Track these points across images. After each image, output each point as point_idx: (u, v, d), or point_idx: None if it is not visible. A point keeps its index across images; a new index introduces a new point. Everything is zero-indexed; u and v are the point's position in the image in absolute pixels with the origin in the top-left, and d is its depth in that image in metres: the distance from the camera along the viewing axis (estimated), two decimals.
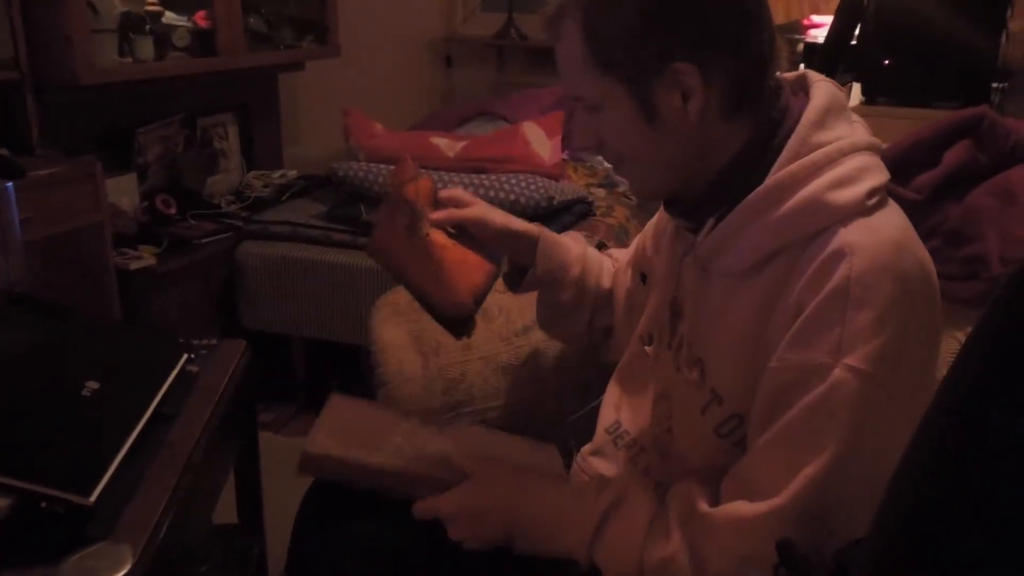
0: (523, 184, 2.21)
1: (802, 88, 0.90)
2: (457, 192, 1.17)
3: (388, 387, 1.40)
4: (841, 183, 0.82)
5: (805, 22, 3.24)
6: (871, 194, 0.82)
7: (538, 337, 1.47)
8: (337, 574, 1.05)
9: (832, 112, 0.86)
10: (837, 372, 0.77)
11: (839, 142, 0.84)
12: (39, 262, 1.84)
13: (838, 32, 2.42)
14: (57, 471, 0.88)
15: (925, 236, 1.23)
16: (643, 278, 1.15)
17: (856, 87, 2.60)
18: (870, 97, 2.51)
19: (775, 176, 0.84)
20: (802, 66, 2.70)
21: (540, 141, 2.38)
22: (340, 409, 1.14)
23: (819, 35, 2.83)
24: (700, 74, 0.83)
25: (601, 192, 2.59)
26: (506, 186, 2.20)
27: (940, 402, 0.50)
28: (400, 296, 1.62)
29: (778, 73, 0.90)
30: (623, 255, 1.28)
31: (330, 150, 3.07)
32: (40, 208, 1.85)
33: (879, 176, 0.85)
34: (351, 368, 2.19)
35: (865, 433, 0.78)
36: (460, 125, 2.98)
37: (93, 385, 1.03)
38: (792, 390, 0.80)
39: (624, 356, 1.16)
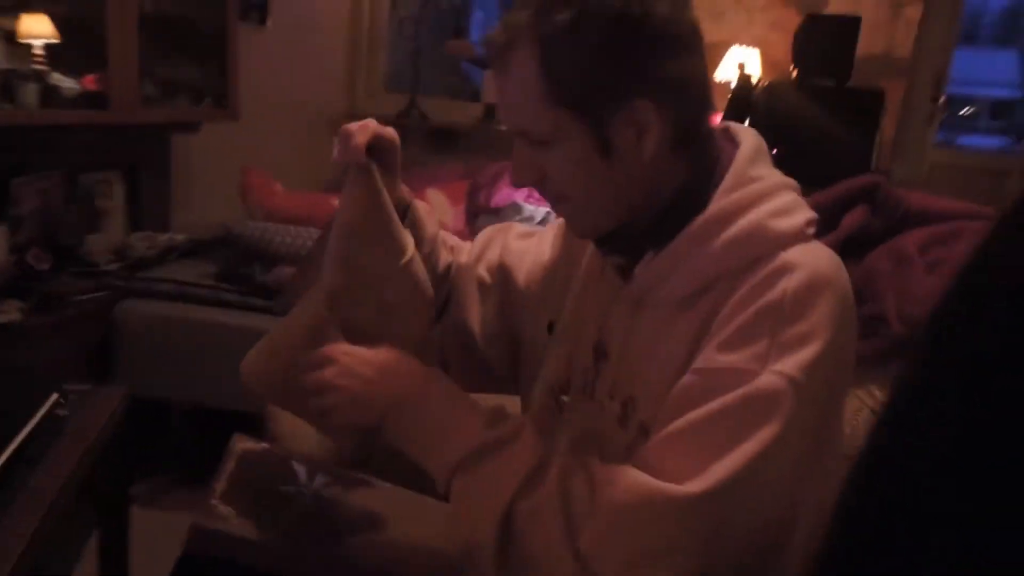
0: None
1: (727, 137, 0.93)
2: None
3: (281, 444, 1.31)
4: (781, 213, 0.85)
5: None
6: (808, 224, 0.86)
7: None
8: None
9: (761, 153, 0.91)
10: (763, 377, 0.77)
11: (772, 178, 0.88)
12: None
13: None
14: None
15: None
16: (550, 327, 1.10)
17: None
18: None
19: (718, 204, 0.85)
20: None
21: (443, 208, 2.37)
22: (241, 464, 1.05)
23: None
24: (656, 110, 0.83)
25: None
26: None
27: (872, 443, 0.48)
28: None
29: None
30: (466, 257, 1.16)
31: (222, 218, 2.97)
32: None
33: (810, 211, 0.88)
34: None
35: (787, 438, 0.77)
36: None
37: None
38: (709, 389, 0.79)
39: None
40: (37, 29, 2.23)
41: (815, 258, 0.83)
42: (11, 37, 2.22)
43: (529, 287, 1.12)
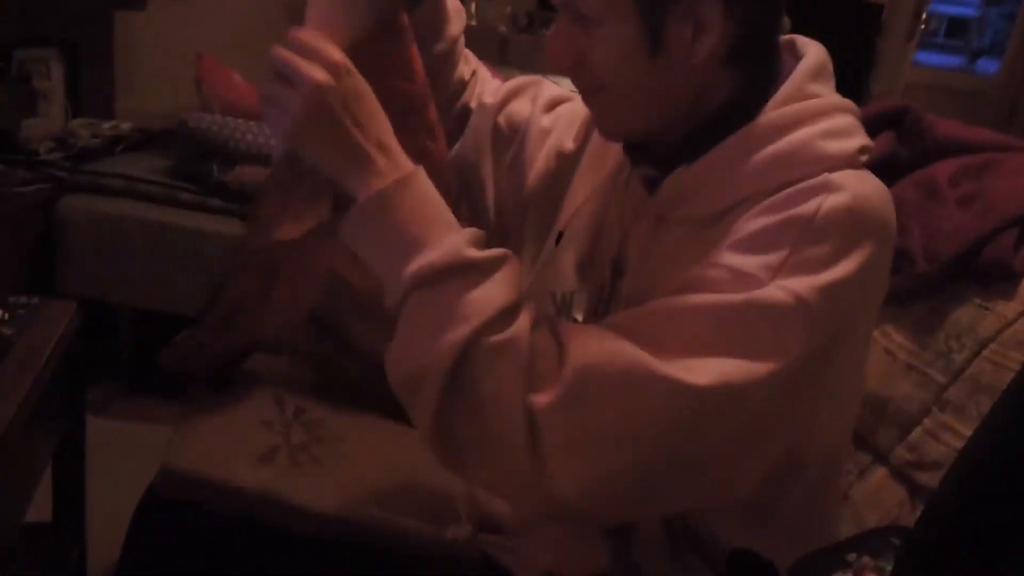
0: None
1: (790, 50, 0.83)
2: None
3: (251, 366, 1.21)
4: (834, 134, 0.76)
5: None
6: (862, 151, 0.77)
7: None
8: None
9: (824, 70, 0.81)
10: (769, 289, 0.69)
11: (830, 97, 0.79)
12: None
13: None
14: None
15: None
16: (559, 237, 0.99)
17: None
18: None
19: (766, 117, 0.76)
20: None
21: None
22: (216, 392, 0.97)
23: None
24: (723, 10, 0.73)
25: None
26: None
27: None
28: None
29: None
30: (490, 97, 1.05)
31: (171, 106, 2.76)
32: None
33: (866, 137, 0.79)
34: None
35: (794, 366, 0.69)
36: None
37: None
38: (708, 281, 0.71)
39: None
40: None
41: (863, 184, 0.74)
42: None
43: (542, 174, 1.01)
